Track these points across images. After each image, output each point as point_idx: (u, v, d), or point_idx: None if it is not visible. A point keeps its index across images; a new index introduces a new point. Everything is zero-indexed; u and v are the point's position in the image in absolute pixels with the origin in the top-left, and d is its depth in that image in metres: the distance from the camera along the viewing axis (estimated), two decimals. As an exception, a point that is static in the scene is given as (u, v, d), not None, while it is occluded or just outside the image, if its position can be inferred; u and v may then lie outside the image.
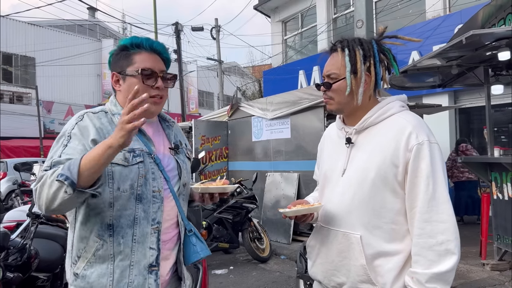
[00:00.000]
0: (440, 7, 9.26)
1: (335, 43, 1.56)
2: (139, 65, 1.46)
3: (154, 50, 1.50)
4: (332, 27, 12.09)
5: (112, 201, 1.38)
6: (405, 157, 1.40)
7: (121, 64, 1.49)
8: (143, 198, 1.42)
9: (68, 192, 1.24)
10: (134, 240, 1.40)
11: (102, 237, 1.39)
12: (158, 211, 1.45)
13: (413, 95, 8.36)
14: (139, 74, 1.45)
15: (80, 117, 1.45)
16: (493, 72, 5.38)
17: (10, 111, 19.01)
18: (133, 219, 1.40)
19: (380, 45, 1.54)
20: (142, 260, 1.41)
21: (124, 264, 1.39)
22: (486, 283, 4.44)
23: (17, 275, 2.65)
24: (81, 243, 1.41)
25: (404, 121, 1.46)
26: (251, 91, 22.70)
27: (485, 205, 5.18)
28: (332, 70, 1.52)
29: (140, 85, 1.42)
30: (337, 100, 1.52)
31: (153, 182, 1.44)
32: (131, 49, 1.49)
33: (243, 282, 5.03)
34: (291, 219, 1.56)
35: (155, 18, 16.49)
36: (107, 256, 1.39)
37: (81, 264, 1.40)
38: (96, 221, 1.39)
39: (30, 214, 3.27)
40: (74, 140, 1.38)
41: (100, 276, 1.38)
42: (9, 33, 20.19)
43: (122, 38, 1.56)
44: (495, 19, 5.56)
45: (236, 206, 5.83)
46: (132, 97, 1.24)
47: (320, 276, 1.57)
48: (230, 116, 8.27)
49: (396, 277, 1.41)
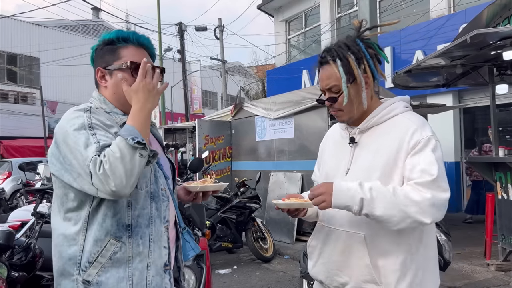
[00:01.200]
0: (444, 6, 9.23)
1: (323, 55, 1.53)
2: (127, 59, 1.39)
3: (141, 44, 1.44)
4: (335, 27, 12.07)
5: (130, 199, 1.33)
6: (409, 153, 1.40)
7: (107, 59, 1.42)
8: (155, 196, 1.39)
9: (143, 155, 1.21)
10: (151, 239, 1.36)
11: (120, 239, 1.31)
12: (166, 209, 1.43)
13: (417, 94, 8.33)
14: (127, 67, 1.38)
15: (87, 110, 1.34)
16: (498, 72, 5.35)
17: (15, 111, 19.11)
18: (149, 218, 1.36)
19: (364, 41, 1.52)
20: (158, 260, 1.37)
21: (143, 266, 1.34)
22: (491, 284, 4.42)
23: (22, 274, 2.66)
24: (95, 247, 1.30)
25: (409, 121, 1.46)
26: (255, 91, 22.68)
27: (490, 205, 5.16)
28: (332, 83, 1.49)
29: (129, 79, 1.36)
30: (345, 110, 1.51)
31: (159, 180, 1.42)
32: (118, 43, 1.42)
33: (246, 282, 5.03)
34: (283, 211, 1.56)
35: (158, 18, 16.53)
36: (125, 258, 1.31)
37: (93, 270, 1.30)
38: (113, 222, 1.31)
39: (35, 214, 3.28)
40: (99, 128, 1.29)
41: (118, 281, 1.30)
42: (13, 34, 20.30)
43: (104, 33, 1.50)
44: (500, 18, 5.53)
45: (240, 205, 5.84)
46: (144, 67, 1.30)
47: (322, 276, 1.56)
48: (234, 116, 8.28)
49: (400, 277, 1.40)
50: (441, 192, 1.34)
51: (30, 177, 10.50)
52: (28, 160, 12.58)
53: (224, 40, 19.66)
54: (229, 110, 8.51)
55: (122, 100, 1.38)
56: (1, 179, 11.63)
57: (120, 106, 1.42)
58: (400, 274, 1.40)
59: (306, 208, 1.57)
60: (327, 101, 1.53)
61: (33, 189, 8.64)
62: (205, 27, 18.92)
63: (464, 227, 7.39)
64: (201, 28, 18.84)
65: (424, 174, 1.36)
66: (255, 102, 8.40)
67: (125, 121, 1.32)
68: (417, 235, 1.45)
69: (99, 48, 1.45)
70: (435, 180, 1.34)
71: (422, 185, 1.35)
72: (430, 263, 1.48)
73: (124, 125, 1.29)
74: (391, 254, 1.42)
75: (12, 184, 11.38)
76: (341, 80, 1.46)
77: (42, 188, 4.62)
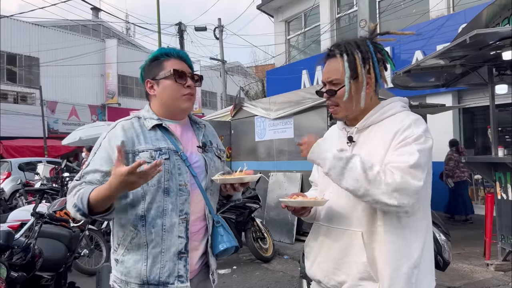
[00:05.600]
0: (444, 6, 9.23)
1: (332, 48, 1.55)
2: (170, 67, 1.63)
3: (180, 57, 1.68)
4: (335, 27, 12.07)
5: (144, 194, 1.55)
6: (396, 145, 1.41)
7: (154, 71, 1.66)
8: (170, 191, 1.56)
9: (82, 216, 1.48)
10: (164, 229, 1.55)
11: (136, 227, 1.56)
12: (185, 203, 1.58)
13: (417, 94, 8.34)
14: (171, 74, 1.62)
15: (112, 126, 1.63)
16: (497, 72, 5.36)
17: (14, 111, 19.07)
18: (162, 211, 1.55)
19: (374, 44, 1.55)
20: (172, 247, 1.55)
21: (156, 251, 1.55)
22: (490, 284, 4.42)
23: (22, 274, 2.66)
24: (120, 232, 1.59)
25: (405, 117, 1.48)
26: (254, 91, 22.67)
27: (489, 205, 5.17)
28: (334, 76, 1.52)
29: (173, 85, 1.62)
30: (342, 106, 1.52)
31: (179, 176, 1.58)
32: (161, 57, 1.67)
33: (246, 282, 5.03)
34: (289, 209, 1.56)
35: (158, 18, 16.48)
36: (141, 244, 1.55)
37: (120, 250, 1.59)
38: (132, 212, 1.56)
39: (34, 214, 3.29)
40: (102, 149, 1.58)
41: (136, 262, 1.56)
42: (13, 34, 20.26)
43: (151, 53, 1.78)
44: (499, 19, 5.54)
45: (239, 205, 5.82)
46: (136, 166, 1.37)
47: (320, 275, 1.56)
48: (233, 116, 8.28)
49: (396, 275, 1.40)
50: (413, 179, 1.33)
51: (30, 177, 10.49)
52: (27, 160, 12.59)
53: (223, 40, 19.66)
54: (229, 110, 8.50)
55: (168, 106, 1.65)
56: (1, 179, 11.62)
57: (167, 112, 1.66)
58: (396, 272, 1.40)
59: (313, 206, 1.57)
60: (325, 93, 1.55)
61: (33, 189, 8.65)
62: (205, 27, 18.91)
63: (463, 227, 7.40)
64: (200, 28, 18.82)
65: (401, 159, 1.36)
66: (255, 102, 8.41)
67: (155, 124, 1.61)
68: (415, 233, 1.45)
69: (146, 66, 1.71)
70: (411, 166, 1.34)
71: (396, 169, 1.35)
72: (427, 262, 1.49)
73: (152, 128, 1.60)
74: (388, 251, 1.42)
75: (12, 184, 11.37)
76: (345, 75, 1.48)
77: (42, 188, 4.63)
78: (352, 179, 1.36)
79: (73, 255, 3.52)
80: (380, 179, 1.33)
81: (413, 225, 1.45)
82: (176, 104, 1.64)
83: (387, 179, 1.33)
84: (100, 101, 23.51)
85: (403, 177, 1.33)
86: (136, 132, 1.59)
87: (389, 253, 1.42)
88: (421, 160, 1.36)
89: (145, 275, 1.54)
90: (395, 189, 1.32)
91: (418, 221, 1.46)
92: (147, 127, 1.61)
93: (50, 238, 3.30)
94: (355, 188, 1.37)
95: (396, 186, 1.32)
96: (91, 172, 1.55)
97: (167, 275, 1.55)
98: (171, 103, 1.64)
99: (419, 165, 1.35)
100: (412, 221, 1.44)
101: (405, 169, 1.34)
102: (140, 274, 1.55)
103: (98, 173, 1.54)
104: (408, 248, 1.43)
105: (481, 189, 8.53)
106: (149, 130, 1.61)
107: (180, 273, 1.56)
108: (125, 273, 1.57)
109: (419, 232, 1.46)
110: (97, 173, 1.54)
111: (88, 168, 1.56)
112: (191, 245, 1.60)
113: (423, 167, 1.36)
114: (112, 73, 23.43)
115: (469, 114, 9.23)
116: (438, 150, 8.28)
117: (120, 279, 1.59)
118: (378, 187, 1.33)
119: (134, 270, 1.55)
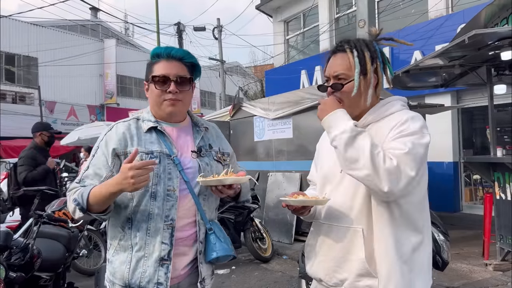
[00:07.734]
0: (443, 6, 9.24)
1: (341, 44, 1.54)
2: (156, 72, 1.61)
3: (172, 57, 1.61)
4: (334, 27, 12.07)
5: (132, 197, 1.55)
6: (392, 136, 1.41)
7: (147, 73, 1.66)
8: (157, 196, 1.55)
9: (81, 213, 1.49)
10: (148, 234, 1.55)
11: (123, 228, 1.58)
12: (172, 208, 1.56)
13: (416, 94, 8.34)
14: (151, 80, 1.61)
15: (109, 128, 1.64)
16: (496, 72, 5.36)
17: (13, 111, 19.04)
18: (147, 215, 1.55)
19: (379, 47, 1.56)
20: (154, 253, 1.54)
21: (140, 255, 1.55)
22: (489, 284, 4.42)
23: (20, 274, 2.66)
24: (111, 232, 1.63)
25: (404, 113, 1.48)
26: (253, 91, 22.67)
27: (488, 205, 5.17)
28: (341, 71, 1.50)
29: (155, 90, 1.61)
30: (347, 102, 1.50)
31: (168, 181, 1.56)
32: (152, 59, 1.65)
33: (245, 282, 5.03)
34: (289, 209, 1.55)
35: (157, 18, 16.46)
36: (127, 246, 1.57)
37: (111, 250, 1.62)
38: (121, 213, 1.58)
39: (33, 214, 3.28)
40: (99, 151, 1.60)
41: (121, 263, 1.57)
42: (11, 34, 20.22)
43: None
44: (498, 19, 5.55)
45: (238, 206, 5.82)
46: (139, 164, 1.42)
47: (322, 274, 1.56)
48: (232, 116, 8.27)
49: (394, 271, 1.41)
50: (405, 167, 1.32)
51: (28, 177, 10.44)
52: (26, 160, 12.54)
53: (222, 40, 19.68)
54: (228, 110, 8.49)
55: (156, 108, 1.64)
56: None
57: (155, 113, 1.66)
58: (393, 268, 1.41)
59: (313, 205, 1.56)
60: (330, 87, 1.52)
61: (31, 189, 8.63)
62: (204, 27, 18.93)
63: (462, 227, 7.40)
64: (199, 28, 18.83)
65: (396, 146, 1.36)
66: (254, 102, 8.40)
67: (151, 126, 1.60)
68: (413, 231, 1.46)
69: (147, 66, 1.69)
70: (406, 153, 1.33)
71: (392, 154, 1.34)
72: (424, 260, 1.49)
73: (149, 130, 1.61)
74: (387, 248, 1.42)
75: (10, 184, 11.32)
76: (354, 70, 1.47)
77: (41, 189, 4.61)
78: (357, 150, 1.34)
79: (71, 256, 3.51)
80: (379, 161, 1.32)
81: (410, 222, 1.45)
82: (161, 108, 1.62)
83: (387, 162, 1.32)
84: (98, 101, 23.48)
85: (397, 163, 1.32)
86: (130, 134, 1.59)
87: (385, 249, 1.42)
88: (416, 150, 1.35)
89: (127, 277, 1.55)
90: (390, 173, 1.31)
91: (414, 219, 1.46)
92: (144, 129, 1.62)
93: (48, 238, 3.30)
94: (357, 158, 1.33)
95: (392, 170, 1.31)
96: (90, 176, 1.57)
97: (147, 281, 1.53)
98: (157, 107, 1.64)
99: (414, 154, 1.34)
100: (408, 218, 1.45)
101: (400, 156, 1.33)
102: (123, 276, 1.55)
103: (97, 178, 1.56)
104: (405, 246, 1.43)
105: (479, 189, 8.54)
106: (145, 133, 1.61)
107: (160, 280, 1.54)
108: (113, 274, 1.59)
109: (416, 229, 1.47)
110: (96, 177, 1.56)
111: (87, 172, 1.58)
112: (179, 250, 1.58)
113: (417, 158, 1.35)
114: (111, 73, 23.39)
115: (468, 114, 9.23)
116: (438, 150, 8.30)
117: (109, 278, 1.61)
118: (377, 169, 1.31)
119: (119, 271, 1.57)
